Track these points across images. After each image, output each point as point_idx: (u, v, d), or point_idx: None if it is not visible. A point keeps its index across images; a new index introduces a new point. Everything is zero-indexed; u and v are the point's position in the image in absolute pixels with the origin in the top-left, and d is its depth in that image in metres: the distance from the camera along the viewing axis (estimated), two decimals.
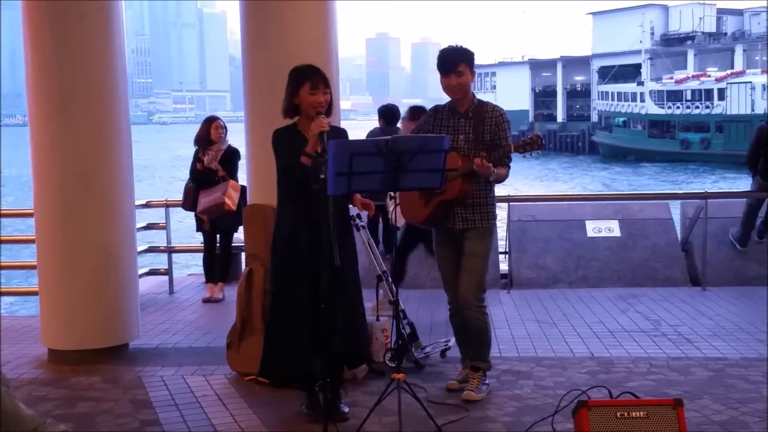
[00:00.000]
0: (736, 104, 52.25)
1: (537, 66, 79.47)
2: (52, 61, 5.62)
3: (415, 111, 7.64)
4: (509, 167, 4.80)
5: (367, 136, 8.12)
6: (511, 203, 8.52)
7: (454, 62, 4.71)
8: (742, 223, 8.44)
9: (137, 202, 7.17)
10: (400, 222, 6.22)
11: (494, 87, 76.60)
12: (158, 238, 9.06)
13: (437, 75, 4.81)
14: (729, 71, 58.17)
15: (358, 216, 5.58)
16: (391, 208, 5.83)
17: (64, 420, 4.52)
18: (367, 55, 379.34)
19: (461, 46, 4.80)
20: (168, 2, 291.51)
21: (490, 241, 4.92)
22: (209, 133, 7.96)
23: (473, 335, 4.93)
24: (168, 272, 8.61)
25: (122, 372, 5.57)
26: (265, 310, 5.27)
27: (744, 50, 64.63)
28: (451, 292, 4.98)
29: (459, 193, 4.68)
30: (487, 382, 4.98)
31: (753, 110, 47.72)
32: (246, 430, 4.45)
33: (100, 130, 5.74)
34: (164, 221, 8.56)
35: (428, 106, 5.21)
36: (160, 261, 9.33)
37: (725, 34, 70.81)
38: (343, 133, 4.58)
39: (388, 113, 8.90)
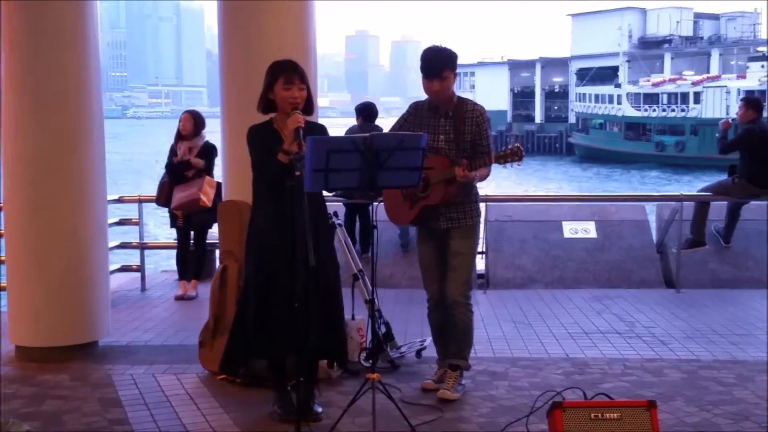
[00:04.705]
0: (712, 108, 52.77)
1: (516, 66, 79.75)
2: (23, 53, 5.52)
3: None
4: (490, 167, 4.78)
5: (346, 134, 8.08)
6: (488, 203, 8.51)
7: (439, 68, 4.66)
8: (726, 220, 8.51)
9: (110, 197, 7.07)
10: None
11: (473, 87, 76.76)
12: (131, 234, 8.96)
13: (417, 74, 4.76)
14: (705, 75, 58.75)
15: (335, 214, 5.55)
16: None
17: (31, 418, 4.47)
18: (346, 52, 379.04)
19: (446, 49, 4.74)
20: None
21: (476, 238, 4.94)
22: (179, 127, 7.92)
23: (458, 333, 4.92)
24: (140, 269, 8.52)
25: (91, 370, 5.48)
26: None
27: (720, 54, 65.30)
28: (432, 289, 4.97)
29: (443, 198, 4.69)
30: (463, 382, 4.97)
31: (728, 114, 48.14)
32: (217, 430, 4.39)
33: (72, 123, 5.65)
34: (138, 217, 8.47)
35: (407, 104, 5.17)
36: (133, 257, 9.21)
37: (702, 38, 71.52)
38: (321, 129, 4.52)
39: (366, 110, 8.89)
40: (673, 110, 56.10)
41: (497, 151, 4.63)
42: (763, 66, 54.84)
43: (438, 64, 4.67)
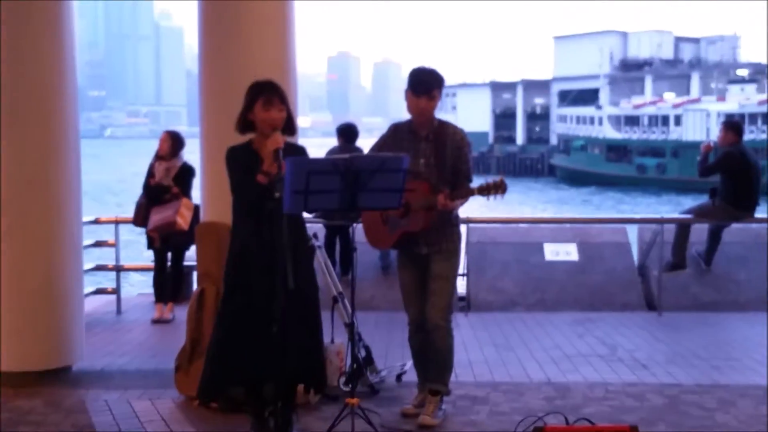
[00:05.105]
0: (692, 130, 53.32)
1: (498, 88, 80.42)
2: None
3: None
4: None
5: (326, 155, 8.04)
6: (469, 225, 8.49)
7: (430, 86, 4.68)
8: (708, 242, 8.53)
9: (86, 219, 6.98)
10: None
11: (455, 108, 77.24)
12: (108, 256, 8.84)
13: (398, 95, 4.78)
14: (685, 98, 59.44)
15: (315, 236, 5.50)
16: None
17: None
18: (327, 72, 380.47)
19: (435, 70, 4.76)
20: (124, 14, 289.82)
21: (456, 261, 4.93)
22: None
23: (438, 357, 4.88)
24: (116, 291, 8.40)
25: (65, 395, 5.37)
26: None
27: (700, 77, 66.13)
28: (413, 312, 4.93)
29: (424, 225, 4.66)
30: (443, 407, 4.91)
31: (708, 137, 48.73)
32: None
33: (47, 143, 5.57)
34: (114, 238, 8.37)
35: (388, 125, 5.15)
36: (109, 279, 9.09)
37: (682, 61, 72.50)
38: (301, 150, 4.47)
39: (347, 132, 8.85)
40: (653, 132, 56.64)
41: (481, 184, 4.58)
42: (742, 89, 55.61)
43: (428, 82, 4.69)
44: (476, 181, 4.81)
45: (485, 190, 4.54)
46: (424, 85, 4.67)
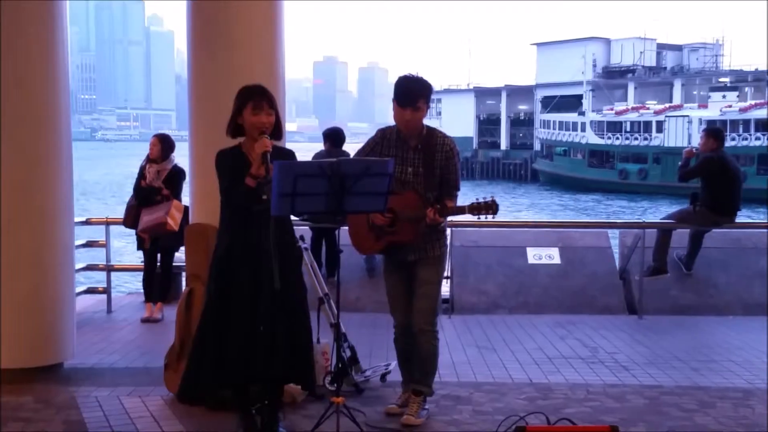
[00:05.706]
0: (674, 137, 53.58)
1: (482, 94, 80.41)
2: None
3: None
4: (456, 200, 4.82)
5: (313, 159, 8.10)
6: (453, 228, 8.57)
7: (415, 97, 4.60)
8: (689, 247, 8.62)
9: (77, 219, 7.02)
10: None
11: (439, 113, 77.13)
12: (98, 256, 8.87)
13: (384, 100, 4.82)
14: (668, 105, 59.70)
15: (302, 238, 5.56)
16: None
17: None
18: (314, 77, 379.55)
19: (422, 79, 4.68)
20: (115, 19, 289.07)
21: (442, 267, 4.95)
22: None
23: (422, 360, 4.93)
24: (106, 291, 8.44)
25: (56, 392, 5.42)
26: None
27: (682, 84, 66.39)
28: (399, 317, 4.97)
29: (411, 237, 4.68)
30: (426, 407, 4.98)
31: (690, 143, 49.01)
32: None
33: (40, 145, 5.63)
34: (105, 239, 8.40)
35: (374, 129, 5.19)
36: (99, 279, 9.11)
37: (665, 68, 72.76)
38: (290, 154, 4.52)
39: (333, 136, 8.91)
40: (636, 138, 56.87)
41: (473, 202, 4.61)
42: (724, 96, 55.92)
43: (413, 93, 4.62)
44: (463, 189, 4.88)
45: (476, 209, 4.56)
46: (410, 96, 4.60)
